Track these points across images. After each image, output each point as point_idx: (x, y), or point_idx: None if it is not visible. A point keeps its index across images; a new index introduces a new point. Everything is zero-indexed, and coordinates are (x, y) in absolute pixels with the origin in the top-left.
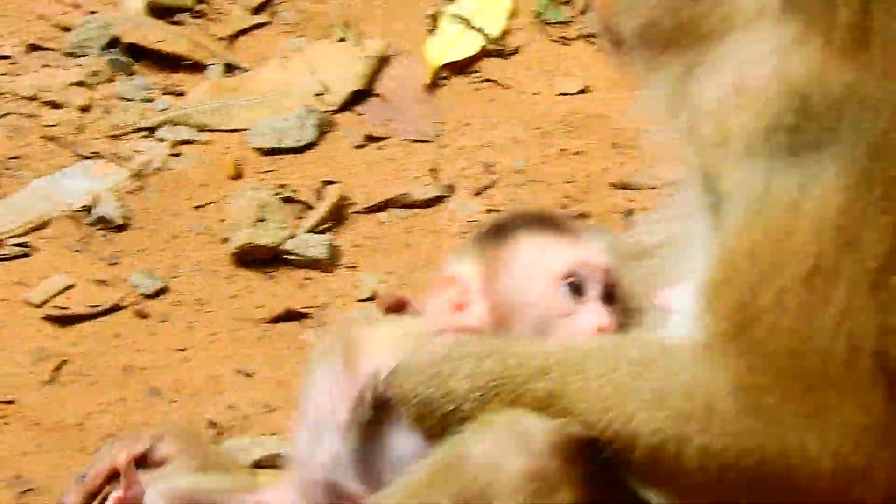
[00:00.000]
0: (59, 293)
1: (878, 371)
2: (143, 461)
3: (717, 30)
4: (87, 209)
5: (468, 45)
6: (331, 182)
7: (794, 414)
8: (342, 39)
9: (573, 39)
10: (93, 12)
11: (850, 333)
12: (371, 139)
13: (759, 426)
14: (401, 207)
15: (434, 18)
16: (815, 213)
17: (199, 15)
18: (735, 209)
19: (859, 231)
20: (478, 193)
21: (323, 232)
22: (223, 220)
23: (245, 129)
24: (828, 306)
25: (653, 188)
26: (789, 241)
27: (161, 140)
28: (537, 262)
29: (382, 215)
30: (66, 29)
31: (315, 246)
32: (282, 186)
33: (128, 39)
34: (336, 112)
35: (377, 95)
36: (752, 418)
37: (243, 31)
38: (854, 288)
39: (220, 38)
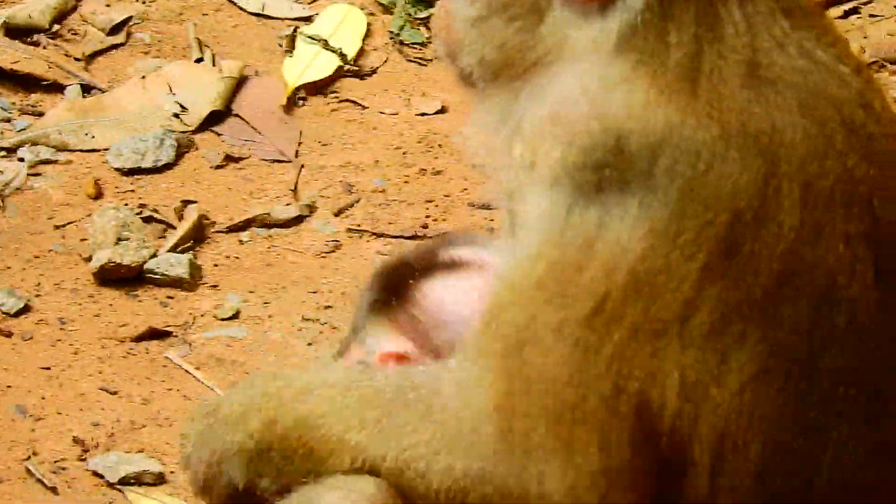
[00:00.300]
0: None
1: (634, 418)
2: None
3: (545, 61)
4: None
5: (325, 66)
6: (191, 202)
7: (541, 444)
8: (199, 60)
9: (430, 60)
10: None
11: (617, 376)
12: (230, 159)
13: (507, 451)
14: (261, 227)
15: (290, 39)
16: (610, 254)
17: (55, 36)
18: (532, 235)
19: (655, 279)
20: (338, 213)
21: (184, 251)
22: (85, 240)
23: (104, 150)
24: (602, 347)
25: None
26: (579, 276)
27: (21, 160)
28: (453, 298)
29: (243, 235)
30: None
31: (176, 265)
32: (142, 206)
33: None
34: (195, 132)
35: (236, 116)
36: (504, 443)
37: (100, 52)
38: (633, 333)
39: (77, 59)
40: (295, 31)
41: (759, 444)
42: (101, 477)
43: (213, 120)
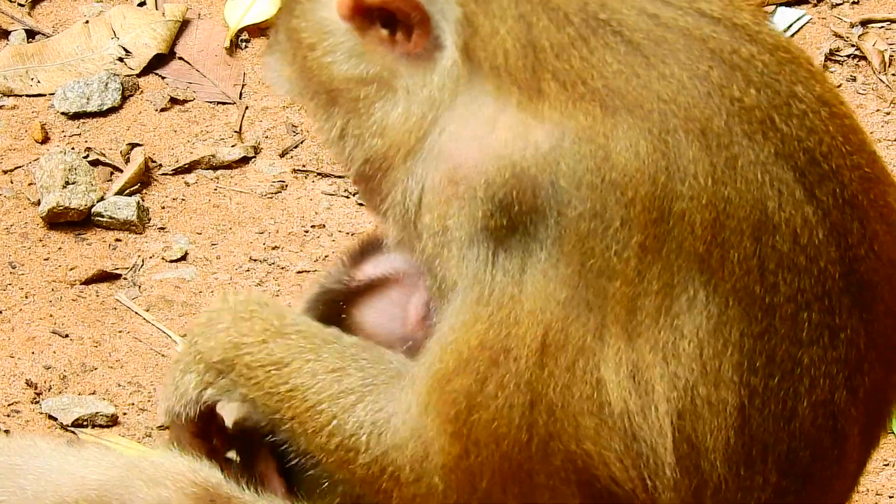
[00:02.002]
0: None
1: (585, 472)
2: None
3: (423, 127)
4: None
5: (267, 8)
6: (137, 145)
7: (502, 499)
8: (142, 3)
9: None
10: None
11: (549, 428)
12: (175, 102)
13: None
14: (207, 169)
15: None
16: (540, 292)
17: None
18: (464, 299)
19: (595, 285)
20: (283, 154)
21: (131, 194)
22: (32, 184)
23: (50, 94)
24: (547, 391)
25: None
26: (517, 327)
27: None
28: (382, 319)
29: (189, 177)
30: None
31: (124, 208)
32: (89, 150)
33: None
34: (139, 76)
35: (179, 59)
36: (454, 494)
37: None
38: (576, 358)
39: (21, 4)
40: None
41: (734, 396)
42: (55, 419)
43: (157, 63)
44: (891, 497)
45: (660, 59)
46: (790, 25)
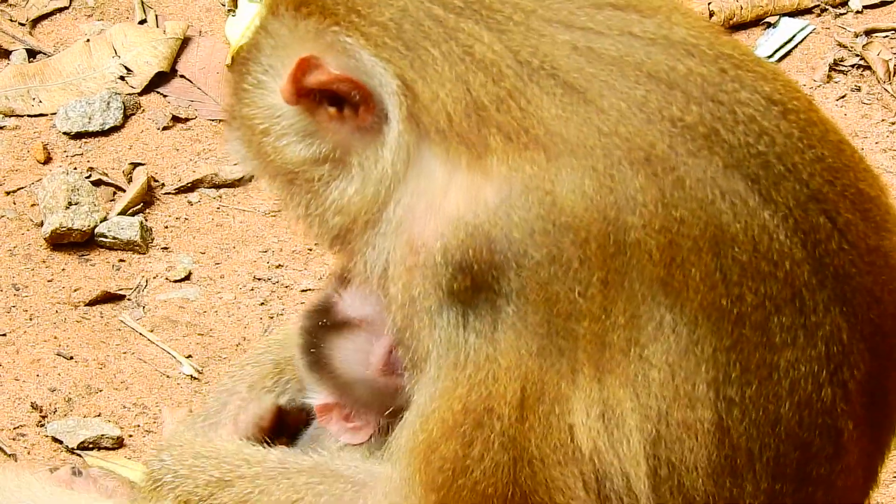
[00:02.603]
0: None
1: None
2: None
3: (381, 198)
4: None
5: None
6: (139, 164)
7: None
8: (143, 21)
9: None
10: None
11: (529, 483)
12: (177, 120)
13: None
14: (210, 187)
15: None
16: (515, 347)
17: None
18: (440, 367)
19: (566, 331)
20: None
21: (134, 214)
22: (35, 205)
23: (52, 114)
24: (528, 445)
25: None
26: (497, 385)
27: None
28: (351, 358)
29: (192, 196)
30: None
31: (127, 228)
32: (91, 170)
33: None
34: (140, 94)
35: (181, 77)
36: None
37: (44, 16)
38: (542, 435)
39: (21, 24)
40: None
41: (710, 412)
42: (60, 442)
43: (159, 81)
44: None
45: (597, 94)
46: (793, 36)
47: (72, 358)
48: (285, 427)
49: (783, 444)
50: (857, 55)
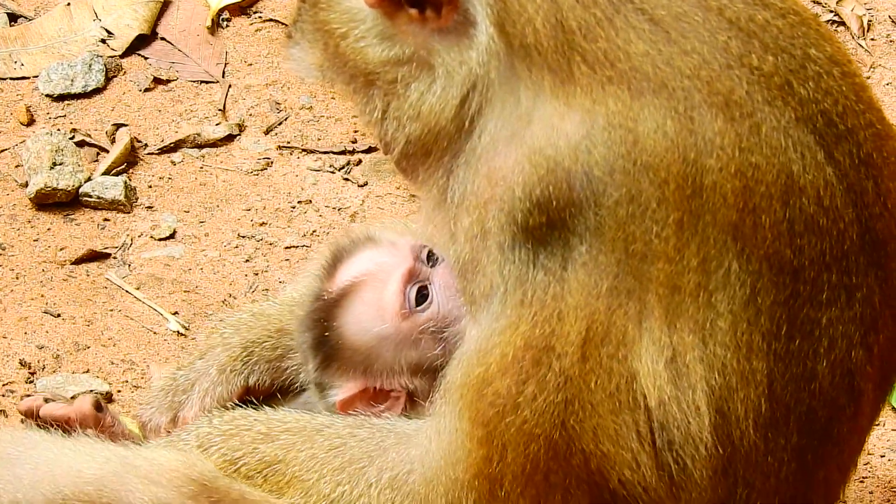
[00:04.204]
0: None
1: (583, 471)
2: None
3: (462, 115)
4: None
5: None
6: (122, 125)
7: (517, 500)
8: None
9: None
10: None
11: (577, 428)
12: (158, 82)
13: None
14: (193, 147)
15: None
16: (585, 284)
17: None
18: (504, 302)
19: (638, 271)
20: (267, 131)
21: (118, 174)
22: (19, 166)
23: (34, 76)
24: (579, 396)
25: None
26: (561, 325)
27: None
28: (365, 322)
29: (175, 156)
30: None
31: (111, 188)
32: (74, 131)
33: None
34: (122, 56)
35: (161, 39)
36: None
37: None
38: (602, 379)
39: None
40: None
41: (763, 364)
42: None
43: (140, 44)
44: (882, 456)
45: (681, 35)
46: None
47: (59, 315)
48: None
49: (815, 401)
50: (832, 11)
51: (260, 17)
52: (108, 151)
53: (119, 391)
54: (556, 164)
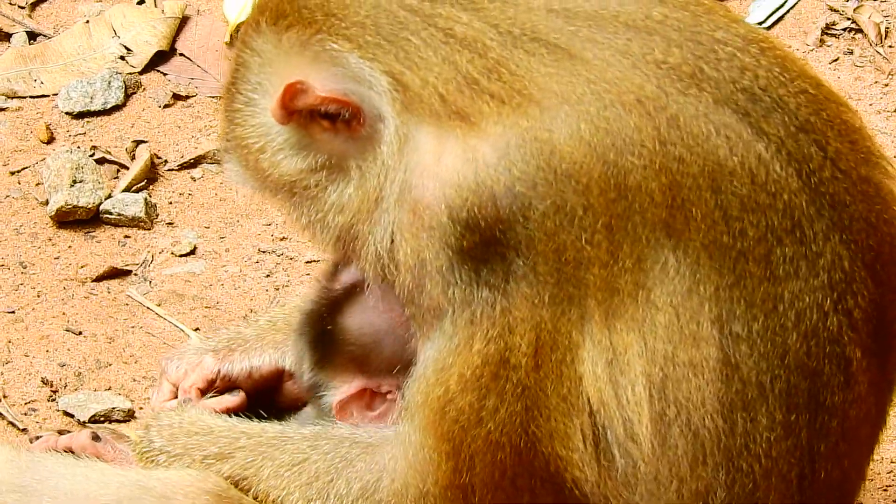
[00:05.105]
0: None
1: (545, 471)
2: None
3: (380, 189)
4: None
5: None
6: (142, 141)
7: None
8: (141, 2)
9: None
10: None
11: (538, 432)
12: (178, 98)
13: None
14: (212, 163)
15: None
16: (524, 308)
17: None
18: (452, 322)
19: (574, 276)
20: None
21: (138, 191)
22: (40, 184)
23: (53, 94)
24: (545, 391)
25: None
26: (513, 337)
27: None
28: (368, 320)
29: (195, 171)
30: None
31: (132, 205)
32: (94, 148)
33: None
34: (141, 73)
35: (180, 55)
36: None
37: None
38: (564, 357)
39: (21, 7)
40: None
41: (716, 350)
42: (72, 416)
43: (159, 60)
44: None
45: (580, 48)
46: (785, 2)
47: (80, 333)
48: (276, 400)
49: (793, 375)
50: (849, 18)
51: None
52: (128, 168)
53: (141, 408)
54: (477, 185)
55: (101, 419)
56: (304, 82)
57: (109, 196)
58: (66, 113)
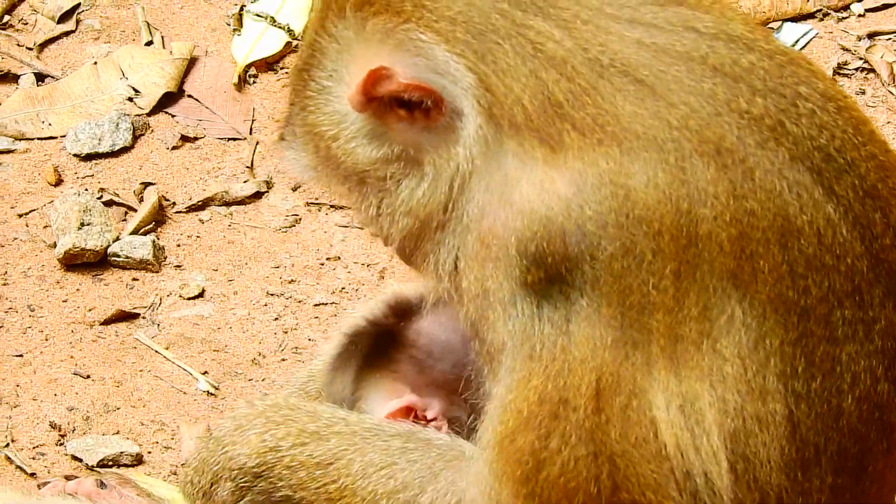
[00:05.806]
0: None
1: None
2: None
3: (452, 199)
4: None
5: (273, 43)
6: (150, 184)
7: None
8: (149, 43)
9: None
10: None
11: (615, 479)
12: (186, 139)
13: None
14: (221, 205)
15: (238, 17)
16: (589, 338)
17: (6, 26)
18: (515, 357)
19: (637, 324)
20: (296, 188)
21: (146, 233)
22: (48, 227)
23: (61, 136)
24: (608, 434)
25: None
26: (571, 377)
27: None
28: (442, 329)
29: (203, 214)
30: None
31: (140, 247)
32: (102, 190)
33: None
34: (149, 115)
35: (188, 96)
36: None
37: (51, 40)
38: (622, 429)
39: (29, 48)
40: (241, 9)
41: (781, 406)
42: (80, 460)
43: (167, 102)
44: None
45: (666, 89)
46: (797, 41)
47: (89, 377)
48: None
49: (845, 439)
50: (861, 58)
51: (287, 72)
52: (136, 210)
53: (149, 452)
54: (548, 220)
55: (110, 463)
56: (387, 68)
57: (117, 238)
58: (74, 155)
